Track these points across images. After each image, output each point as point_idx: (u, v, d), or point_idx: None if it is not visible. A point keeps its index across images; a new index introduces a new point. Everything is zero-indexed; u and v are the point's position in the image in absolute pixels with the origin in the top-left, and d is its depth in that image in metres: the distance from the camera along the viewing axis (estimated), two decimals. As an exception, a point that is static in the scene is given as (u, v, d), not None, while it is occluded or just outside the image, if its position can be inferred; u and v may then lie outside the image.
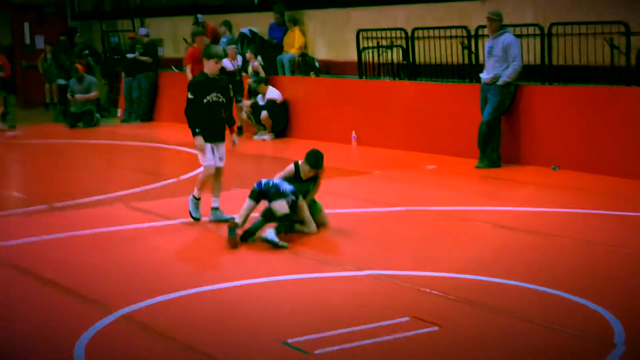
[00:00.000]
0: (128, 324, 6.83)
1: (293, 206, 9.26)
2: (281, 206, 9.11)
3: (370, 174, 12.92)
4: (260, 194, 9.26)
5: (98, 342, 6.44)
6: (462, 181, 12.28)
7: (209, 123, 9.87)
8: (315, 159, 9.50)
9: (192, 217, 10.07)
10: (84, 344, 6.37)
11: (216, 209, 10.06)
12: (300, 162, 9.57)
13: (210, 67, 9.90)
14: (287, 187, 9.25)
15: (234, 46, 17.80)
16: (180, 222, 10.20)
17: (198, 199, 10.05)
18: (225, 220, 9.70)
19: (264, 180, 9.32)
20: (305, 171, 9.53)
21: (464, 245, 8.93)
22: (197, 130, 9.81)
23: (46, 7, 26.19)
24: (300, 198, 9.36)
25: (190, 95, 9.86)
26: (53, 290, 7.78)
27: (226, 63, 17.39)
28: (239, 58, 17.76)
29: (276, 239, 8.84)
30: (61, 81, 22.05)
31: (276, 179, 9.39)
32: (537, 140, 12.91)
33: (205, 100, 9.85)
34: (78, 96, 20.14)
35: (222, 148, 10.12)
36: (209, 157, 9.96)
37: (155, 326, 6.73)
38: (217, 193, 10.14)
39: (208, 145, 9.94)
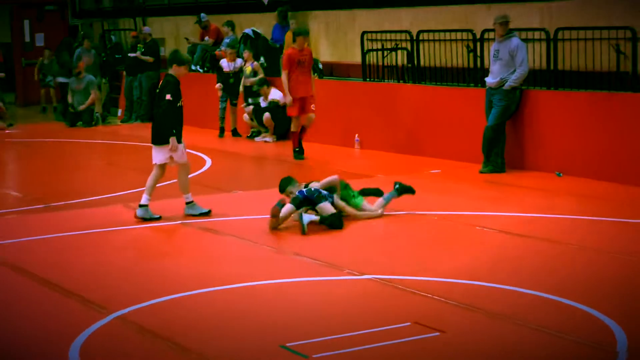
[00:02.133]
0: (124, 325, 6.82)
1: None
2: (327, 208, 9.77)
3: (373, 178, 12.89)
4: (303, 201, 9.81)
5: (93, 343, 6.44)
6: (466, 186, 12.27)
7: (180, 125, 10.33)
8: None
9: (202, 213, 10.32)
10: (80, 344, 6.37)
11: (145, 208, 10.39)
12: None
13: (181, 72, 10.35)
14: (324, 192, 9.94)
15: (232, 50, 17.77)
16: (179, 223, 10.19)
17: (192, 201, 10.40)
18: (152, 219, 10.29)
19: (305, 189, 9.91)
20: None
21: (468, 251, 8.91)
22: (174, 131, 10.18)
23: (47, 5, 26.19)
24: (336, 198, 10.03)
25: (169, 97, 10.17)
26: (50, 290, 7.77)
27: (223, 63, 17.61)
28: (239, 60, 17.72)
29: (305, 224, 9.49)
30: (62, 79, 21.99)
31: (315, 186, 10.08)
32: (542, 145, 12.89)
33: (178, 104, 10.28)
34: (81, 107, 20.15)
35: None
36: (185, 154, 10.40)
37: (151, 328, 6.72)
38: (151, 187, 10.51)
39: (182, 145, 10.32)
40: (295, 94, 14.26)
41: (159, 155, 10.32)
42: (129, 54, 20.97)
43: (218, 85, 17.65)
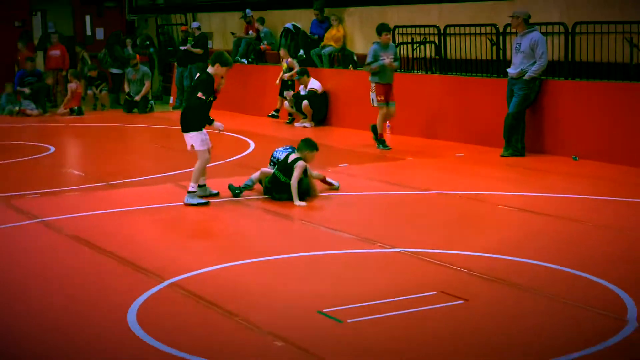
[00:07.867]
0: (177, 291, 6.86)
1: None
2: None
3: (403, 161, 12.87)
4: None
5: (149, 308, 6.49)
6: (488, 168, 12.20)
7: (207, 119, 10.05)
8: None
9: (200, 204, 9.92)
10: (136, 309, 6.42)
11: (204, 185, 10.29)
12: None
13: (220, 72, 9.99)
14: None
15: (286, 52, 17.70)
16: (226, 200, 10.23)
17: (195, 192, 10.01)
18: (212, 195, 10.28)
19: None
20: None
21: (491, 227, 8.87)
22: (211, 119, 10.06)
23: (106, 1, 26.38)
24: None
25: (201, 95, 9.85)
26: (109, 260, 7.84)
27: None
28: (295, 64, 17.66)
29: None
30: (114, 70, 22.06)
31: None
32: (559, 131, 12.80)
33: (207, 100, 9.94)
34: (137, 97, 20.23)
35: None
36: (205, 144, 10.08)
37: (201, 294, 6.76)
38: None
39: (202, 133, 10.01)
40: None
41: (187, 141, 10.11)
42: (180, 47, 21.02)
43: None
